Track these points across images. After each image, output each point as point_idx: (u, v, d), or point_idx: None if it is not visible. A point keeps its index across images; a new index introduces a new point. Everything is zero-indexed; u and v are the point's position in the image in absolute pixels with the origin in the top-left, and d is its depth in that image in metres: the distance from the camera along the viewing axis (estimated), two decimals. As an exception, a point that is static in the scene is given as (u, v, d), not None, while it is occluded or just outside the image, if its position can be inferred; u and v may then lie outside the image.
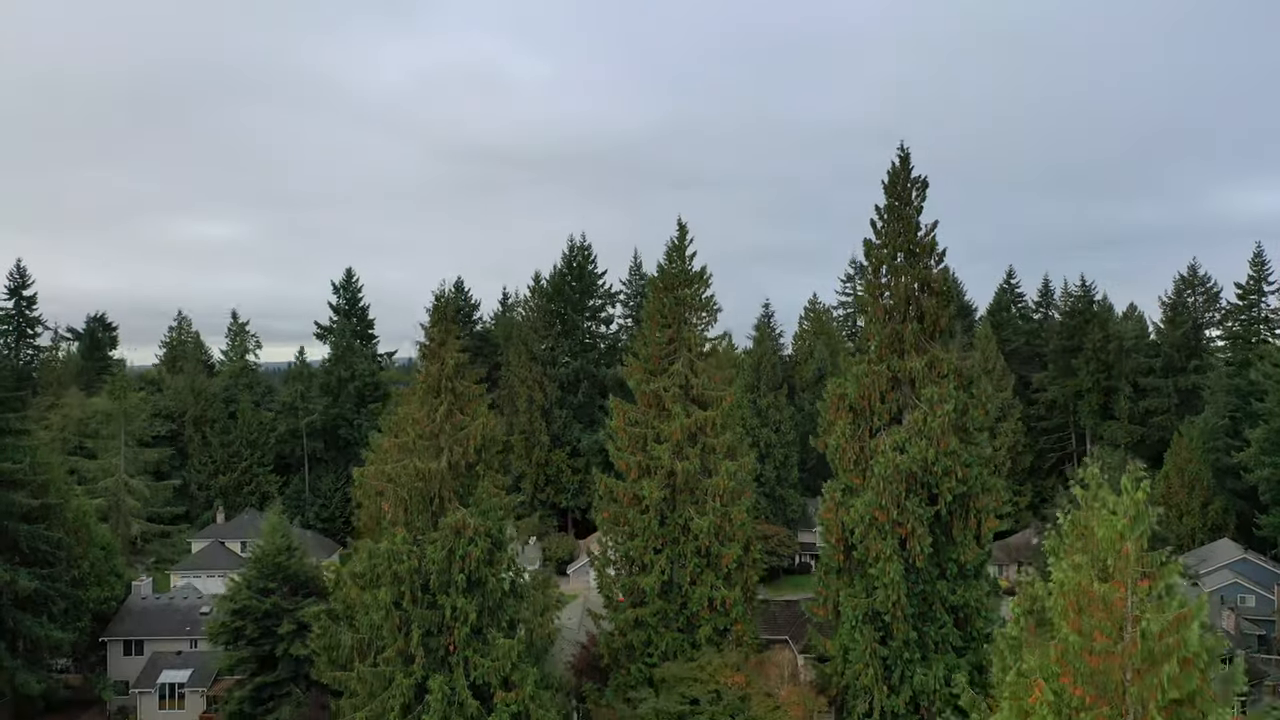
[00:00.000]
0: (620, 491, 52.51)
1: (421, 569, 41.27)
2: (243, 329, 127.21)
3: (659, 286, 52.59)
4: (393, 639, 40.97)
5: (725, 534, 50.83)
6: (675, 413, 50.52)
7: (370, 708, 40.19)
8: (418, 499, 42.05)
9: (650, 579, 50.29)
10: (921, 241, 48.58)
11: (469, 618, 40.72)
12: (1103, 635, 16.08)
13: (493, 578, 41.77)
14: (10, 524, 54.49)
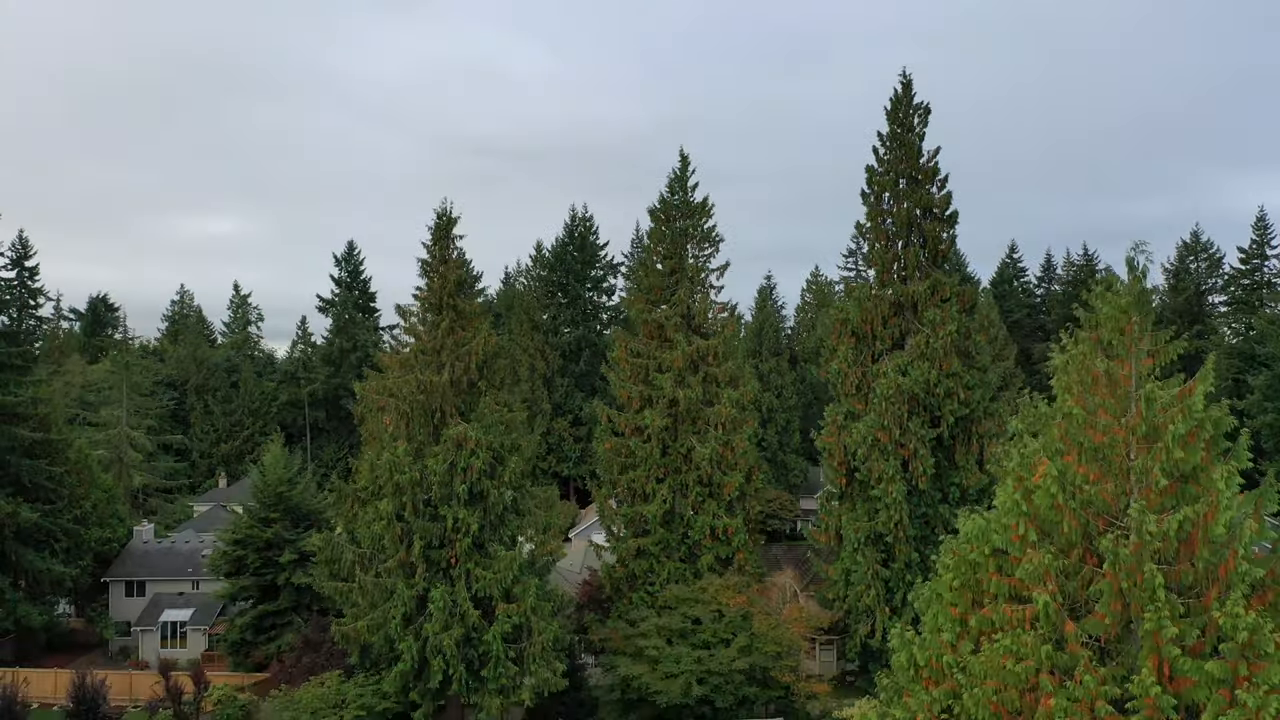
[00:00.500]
0: (622, 423, 52.48)
1: (423, 481, 41.20)
2: (244, 301, 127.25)
3: (660, 218, 52.54)
4: (394, 550, 40.91)
5: (727, 462, 50.77)
6: (677, 341, 50.48)
7: (371, 617, 40.12)
8: (419, 413, 41.98)
9: (652, 508, 50.24)
10: (924, 167, 48.53)
11: (470, 529, 40.64)
12: (1106, 412, 16.01)
13: (494, 491, 41.68)
14: (12, 459, 54.48)
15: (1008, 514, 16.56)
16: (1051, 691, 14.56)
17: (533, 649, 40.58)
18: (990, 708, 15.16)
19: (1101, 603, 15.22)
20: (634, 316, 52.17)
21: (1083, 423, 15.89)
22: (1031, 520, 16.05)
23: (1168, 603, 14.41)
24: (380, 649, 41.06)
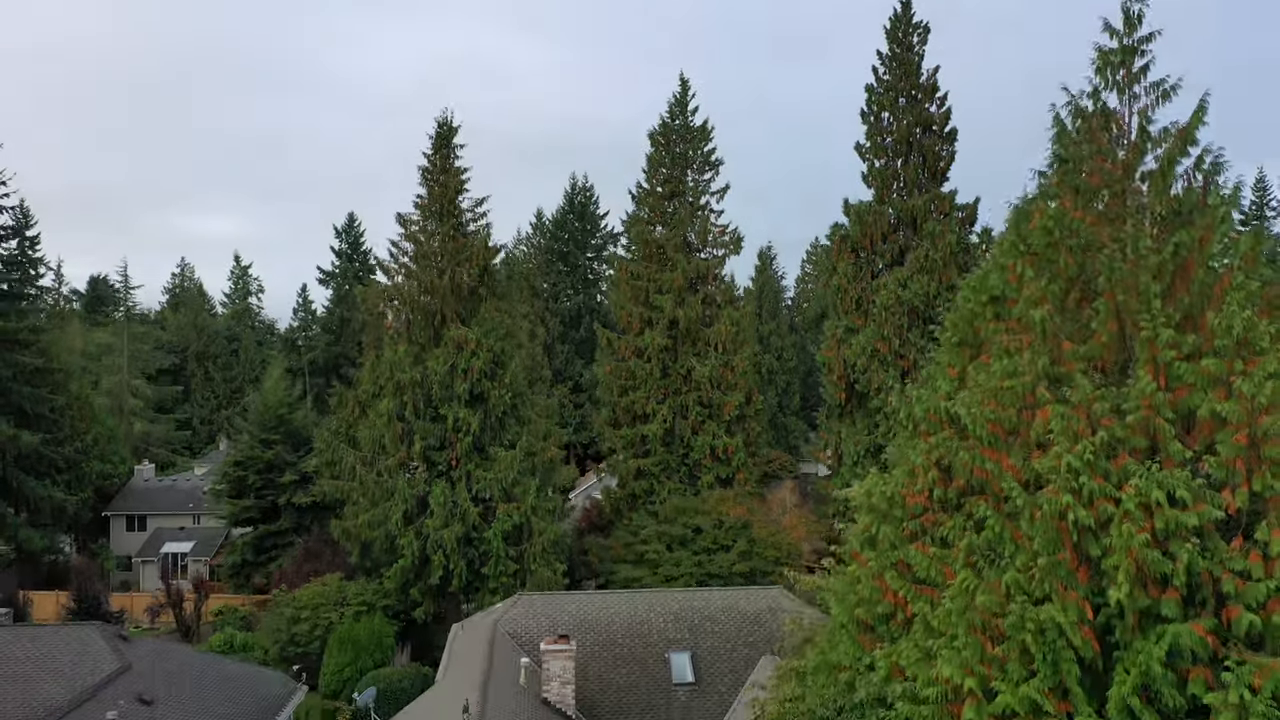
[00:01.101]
0: (622, 346, 52.62)
1: (424, 382, 41.35)
2: (245, 271, 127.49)
3: (659, 142, 52.69)
4: (395, 449, 41.04)
5: (727, 383, 50.91)
6: (677, 261, 50.60)
7: (372, 514, 40.22)
8: (419, 315, 42.15)
9: (652, 427, 50.34)
10: (923, 85, 48.64)
11: (471, 428, 40.80)
12: (1103, 156, 16.12)
13: (495, 392, 41.81)
14: (14, 386, 54.54)
15: (1006, 254, 16.70)
16: (1049, 400, 14.67)
17: (533, 549, 40.67)
18: (988, 428, 15.29)
19: (1098, 321, 15.34)
20: (634, 238, 52.29)
21: (1078, 165, 16.02)
22: (1029, 258, 16.17)
23: (1164, 311, 14.56)
24: (380, 550, 41.17)
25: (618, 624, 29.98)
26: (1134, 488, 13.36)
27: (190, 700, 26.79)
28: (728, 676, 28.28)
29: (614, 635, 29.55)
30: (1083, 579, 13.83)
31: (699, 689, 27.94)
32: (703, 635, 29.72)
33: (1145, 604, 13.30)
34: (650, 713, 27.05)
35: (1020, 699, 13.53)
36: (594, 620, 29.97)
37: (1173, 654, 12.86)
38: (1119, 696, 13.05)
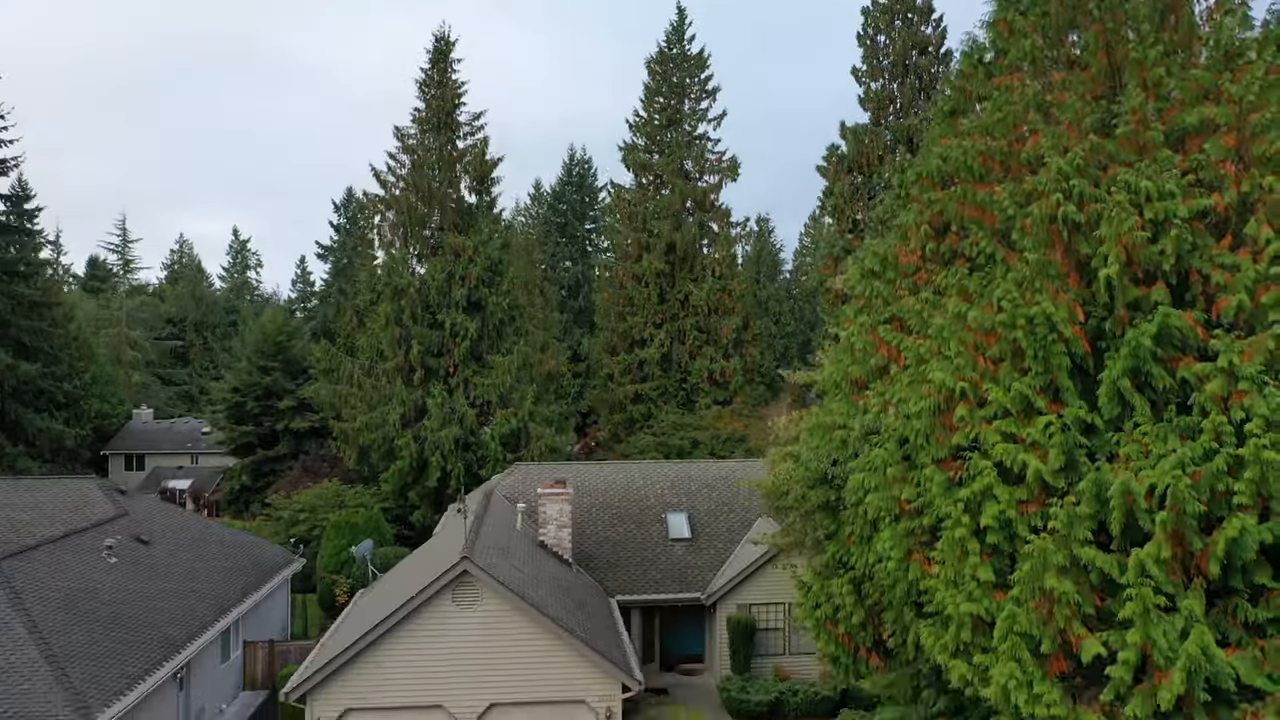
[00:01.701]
0: (620, 272, 52.72)
1: (422, 289, 41.45)
2: (244, 246, 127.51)
3: (656, 71, 52.84)
4: (393, 353, 41.11)
5: (724, 307, 51.03)
6: (675, 184, 50.74)
7: (370, 417, 40.24)
8: (417, 224, 42.23)
9: (650, 351, 50.46)
10: (919, 7, 48.84)
11: (469, 333, 40.86)
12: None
13: (492, 300, 41.90)
14: (12, 318, 54.55)
15: (999, 12, 16.81)
16: (1039, 129, 14.77)
17: (530, 454, 40.68)
18: (979, 161, 15.38)
19: (1087, 53, 15.44)
20: (631, 164, 52.39)
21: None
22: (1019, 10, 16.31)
23: (1152, 32, 14.68)
24: (378, 455, 41.15)
25: (615, 489, 30.02)
26: (1124, 183, 13.48)
27: (187, 549, 26.82)
28: (724, 535, 28.32)
29: (611, 499, 29.59)
30: (1074, 283, 13.92)
31: (695, 544, 27.98)
32: (699, 499, 29.77)
33: (1135, 296, 13.40)
34: (647, 564, 27.08)
35: (1012, 397, 13.61)
36: (592, 486, 30.01)
37: (1162, 338, 12.93)
38: (1110, 381, 13.14)
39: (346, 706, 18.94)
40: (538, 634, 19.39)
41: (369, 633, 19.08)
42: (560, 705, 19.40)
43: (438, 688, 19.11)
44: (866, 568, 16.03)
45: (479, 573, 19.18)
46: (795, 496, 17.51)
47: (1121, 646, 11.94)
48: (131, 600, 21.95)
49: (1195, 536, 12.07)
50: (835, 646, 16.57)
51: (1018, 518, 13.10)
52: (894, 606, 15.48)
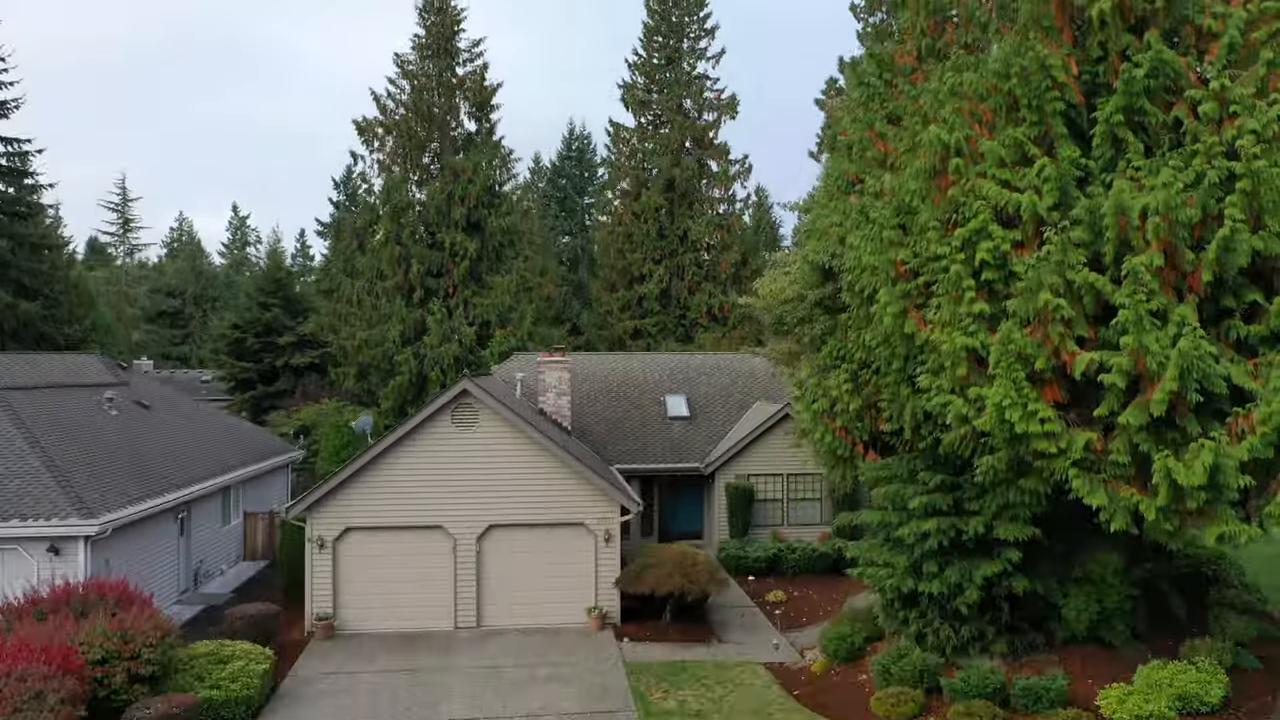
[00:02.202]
0: (620, 211, 52.86)
1: (422, 211, 41.58)
2: (244, 222, 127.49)
3: (655, 10, 52.98)
4: (392, 272, 41.22)
5: (723, 242, 51.14)
6: (674, 121, 50.90)
7: (370, 333, 40.35)
8: (416, 146, 42.35)
9: (649, 287, 50.54)
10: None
11: (468, 253, 40.99)
12: None
13: (492, 220, 42.03)
14: (14, 260, 54.60)
15: None
16: None
17: (530, 373, 40.72)
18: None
19: None
20: (630, 101, 52.53)
21: None
22: None
23: None
24: (378, 375, 41.24)
25: (614, 376, 30.15)
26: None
27: (188, 420, 26.91)
28: (721, 414, 28.44)
29: (611, 384, 29.71)
30: (1067, 39, 14.06)
31: (693, 422, 28.09)
32: (697, 385, 29.90)
33: (1127, 41, 13.55)
34: (646, 439, 27.19)
35: (1007, 147, 13.76)
36: (590, 373, 30.12)
37: (1156, 73, 13.06)
38: (1103, 121, 13.28)
39: (347, 525, 19.03)
40: (537, 456, 19.48)
41: (369, 451, 19.19)
42: (559, 528, 19.49)
43: (437, 508, 19.19)
44: (864, 353, 16.17)
45: (479, 392, 19.29)
46: (793, 297, 17.61)
47: (1113, 364, 12.06)
48: (132, 446, 22.04)
49: (1187, 249, 12.20)
50: (832, 438, 16.68)
51: (1012, 255, 13.23)
52: (889, 386, 15.61)
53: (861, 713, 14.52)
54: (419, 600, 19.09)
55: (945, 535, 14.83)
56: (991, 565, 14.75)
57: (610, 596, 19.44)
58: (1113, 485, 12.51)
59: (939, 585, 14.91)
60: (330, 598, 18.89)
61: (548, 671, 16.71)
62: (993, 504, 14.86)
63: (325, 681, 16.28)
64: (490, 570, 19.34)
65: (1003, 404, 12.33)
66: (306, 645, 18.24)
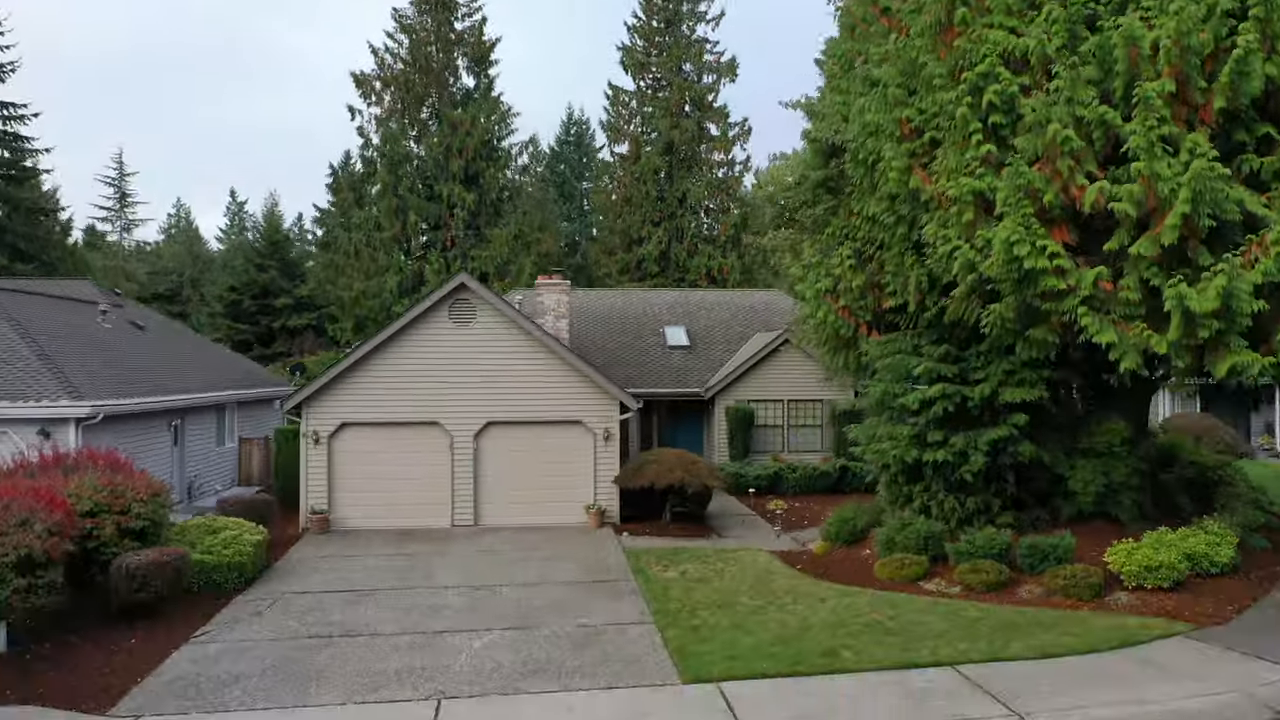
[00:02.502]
0: (620, 175, 52.62)
1: (420, 164, 41.37)
2: (241, 208, 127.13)
3: (654, -24, 52.75)
4: (390, 224, 40.99)
5: (722, 205, 50.94)
6: (673, 83, 50.69)
7: (366, 285, 40.12)
8: (414, 98, 42.14)
9: (648, 249, 50.29)
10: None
11: (466, 204, 40.77)
12: None
13: (489, 172, 41.83)
14: (10, 225, 54.35)
15: None
16: None
17: (528, 326, 40.48)
18: None
19: None
20: (629, 64, 52.29)
21: None
22: None
23: None
24: (375, 328, 40.93)
25: (613, 310, 29.92)
26: None
27: (182, 343, 26.65)
28: (721, 345, 28.20)
29: (609, 317, 29.48)
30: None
31: (693, 351, 27.85)
32: (698, 318, 29.67)
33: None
34: (645, 367, 26.94)
35: (1014, -6, 13.50)
36: (587, 308, 29.90)
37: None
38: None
39: (343, 420, 18.77)
40: (535, 353, 19.24)
41: (365, 344, 18.94)
42: (557, 425, 19.25)
43: (434, 405, 18.94)
44: (867, 228, 15.94)
45: (477, 286, 19.05)
46: (796, 181, 17.36)
47: (1123, 193, 11.83)
48: (125, 355, 21.78)
49: (1199, 78, 11.97)
50: (835, 318, 16.44)
51: (1020, 98, 13.00)
52: (893, 257, 15.37)
53: (865, 579, 14.27)
54: (415, 498, 18.84)
55: (950, 401, 14.58)
56: (998, 430, 14.50)
57: (609, 495, 19.19)
58: (1122, 326, 12.28)
59: (944, 453, 14.66)
60: (325, 494, 18.63)
61: (546, 553, 16.47)
62: (998, 370, 14.63)
63: (321, 562, 16.02)
64: (488, 468, 19.09)
65: (1011, 240, 12.09)
66: (301, 538, 17.98)
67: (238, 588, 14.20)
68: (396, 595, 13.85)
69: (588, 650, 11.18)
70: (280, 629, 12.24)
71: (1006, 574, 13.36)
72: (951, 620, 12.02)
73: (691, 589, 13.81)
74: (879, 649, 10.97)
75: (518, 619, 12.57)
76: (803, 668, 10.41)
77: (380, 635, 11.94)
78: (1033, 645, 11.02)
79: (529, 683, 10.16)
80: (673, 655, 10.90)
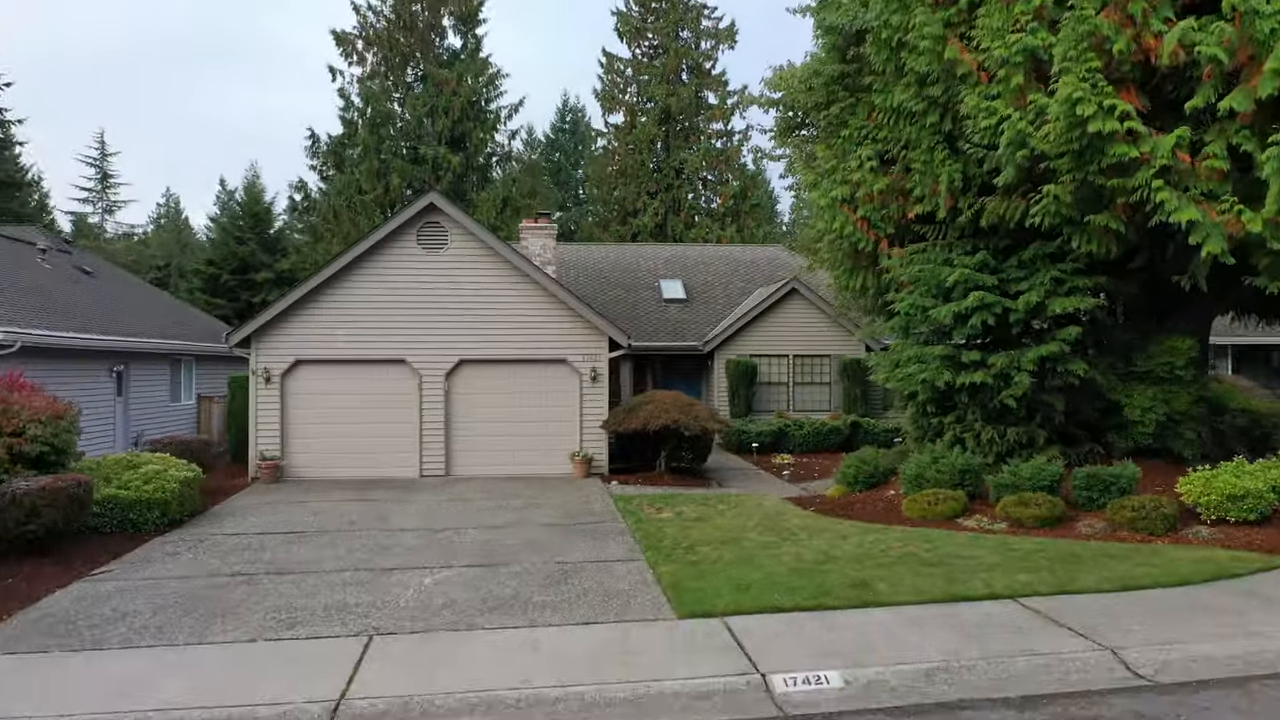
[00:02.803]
0: (614, 146, 50.65)
1: (403, 125, 39.34)
2: (231, 196, 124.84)
3: (650, -59, 50.75)
4: (371, 186, 38.91)
5: (721, 175, 48.94)
6: (671, 48, 48.71)
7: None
8: (399, 57, 40.09)
9: (643, 221, 48.28)
10: None
11: (452, 166, 38.72)
12: None
13: (476, 134, 39.80)
14: None
15: None
16: None
17: (517, 294, 38.44)
18: None
19: None
20: (624, 30, 50.30)
21: None
22: None
23: None
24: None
25: (605, 264, 27.91)
26: None
27: (135, 293, 24.58)
28: (721, 299, 26.19)
29: (600, 271, 27.47)
30: None
31: (690, 305, 25.83)
32: (695, 273, 27.66)
33: None
34: (640, 320, 24.90)
35: None
36: (579, 261, 27.91)
37: None
38: None
39: (297, 357, 16.72)
40: (515, 283, 17.20)
41: (321, 271, 16.91)
42: (539, 364, 17.21)
43: (400, 340, 16.90)
44: (891, 122, 13.91)
45: (449, 207, 17.01)
46: (807, 77, 15.32)
47: (1211, 37, 9.82)
48: (65, 300, 19.71)
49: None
50: (852, 229, 14.40)
51: (1078, -58, 10.98)
52: (921, 153, 13.35)
53: (891, 517, 12.23)
54: (379, 445, 16.79)
55: (990, 313, 12.56)
56: (1046, 346, 12.48)
57: (597, 441, 17.15)
58: (1204, 206, 10.28)
59: (982, 375, 12.63)
60: (278, 439, 16.57)
61: (523, 501, 14.41)
62: (1045, 278, 12.61)
63: (264, 508, 13.95)
64: (460, 411, 17.04)
65: (1074, 99, 10.08)
66: (248, 487, 15.91)
67: (159, 529, 12.15)
68: (344, 536, 11.81)
69: (563, 586, 9.15)
70: (197, 568, 10.20)
71: (1061, 507, 11.34)
72: (1002, 553, 10.00)
73: (689, 528, 11.78)
74: (919, 580, 8.94)
75: (482, 557, 10.54)
76: (829, 600, 8.37)
77: (315, 573, 9.91)
78: (1107, 577, 9.00)
79: (487, 619, 8.13)
80: (666, 590, 8.87)
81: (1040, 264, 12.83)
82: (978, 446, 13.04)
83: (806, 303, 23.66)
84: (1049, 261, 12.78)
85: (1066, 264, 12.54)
